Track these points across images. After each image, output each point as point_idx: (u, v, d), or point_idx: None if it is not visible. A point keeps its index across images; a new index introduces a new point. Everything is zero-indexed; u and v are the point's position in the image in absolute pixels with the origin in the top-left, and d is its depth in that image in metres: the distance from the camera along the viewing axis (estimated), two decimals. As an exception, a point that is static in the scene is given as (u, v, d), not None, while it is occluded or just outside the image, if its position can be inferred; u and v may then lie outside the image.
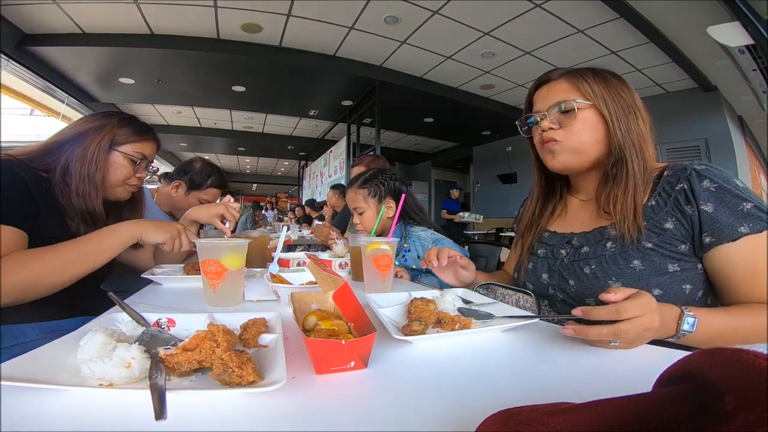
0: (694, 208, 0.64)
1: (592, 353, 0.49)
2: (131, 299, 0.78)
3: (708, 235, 0.62)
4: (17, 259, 0.74)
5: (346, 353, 0.42)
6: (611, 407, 0.20)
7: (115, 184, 1.01)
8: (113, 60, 4.20)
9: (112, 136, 0.97)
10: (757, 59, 3.19)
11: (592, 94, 0.71)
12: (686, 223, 0.65)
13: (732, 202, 0.61)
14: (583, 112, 0.71)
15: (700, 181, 0.64)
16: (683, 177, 0.66)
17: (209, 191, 1.58)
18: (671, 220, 0.66)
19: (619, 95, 0.72)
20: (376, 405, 0.36)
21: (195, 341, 0.40)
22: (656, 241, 0.66)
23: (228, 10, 3.36)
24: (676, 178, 0.67)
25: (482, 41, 3.83)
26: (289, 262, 1.12)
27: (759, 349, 0.16)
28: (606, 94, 0.71)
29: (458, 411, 0.34)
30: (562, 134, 0.73)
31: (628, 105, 0.72)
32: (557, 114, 0.73)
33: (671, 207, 0.66)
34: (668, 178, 0.69)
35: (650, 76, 4.28)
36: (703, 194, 0.63)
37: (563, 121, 0.73)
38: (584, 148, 0.73)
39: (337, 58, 4.31)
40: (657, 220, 0.67)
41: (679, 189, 0.66)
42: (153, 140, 1.07)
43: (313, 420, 0.33)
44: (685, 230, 0.65)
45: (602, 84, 0.72)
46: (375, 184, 1.30)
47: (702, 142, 4.46)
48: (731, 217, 0.61)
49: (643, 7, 3.02)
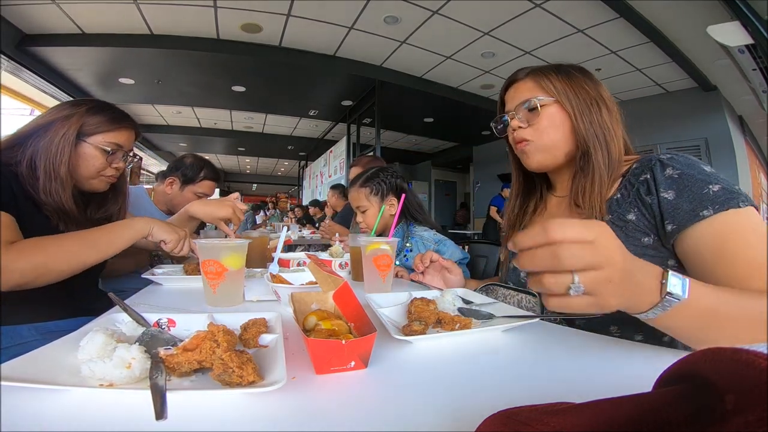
0: (654, 197, 0.62)
1: (592, 353, 0.49)
2: (131, 299, 0.78)
3: (670, 223, 0.60)
4: (32, 243, 0.76)
5: (346, 353, 0.42)
6: (611, 407, 0.20)
7: (88, 176, 0.95)
8: (113, 60, 4.21)
9: (80, 125, 0.91)
10: (757, 59, 3.19)
11: (554, 90, 0.72)
12: (648, 214, 0.64)
13: (695, 187, 0.58)
14: (547, 109, 0.73)
15: (663, 170, 0.63)
16: (647, 168, 0.65)
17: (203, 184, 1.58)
18: (633, 211, 0.65)
19: (582, 89, 0.72)
20: (376, 405, 0.36)
21: (195, 341, 0.40)
22: (620, 234, 0.65)
23: (228, 10, 3.36)
24: (642, 169, 0.66)
25: (482, 41, 3.83)
26: (289, 262, 1.12)
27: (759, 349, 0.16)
28: (568, 89, 0.72)
29: (458, 411, 0.34)
30: (532, 133, 0.74)
31: (592, 98, 0.72)
32: (525, 112, 0.75)
33: (633, 198, 0.66)
34: (634, 170, 0.68)
35: (650, 76, 4.28)
36: (665, 182, 0.62)
37: (530, 119, 0.74)
38: (554, 145, 0.74)
39: (337, 58, 4.31)
40: (620, 213, 0.67)
41: (642, 180, 0.65)
42: (128, 128, 1.00)
43: (313, 420, 0.33)
44: (647, 221, 0.64)
45: (565, 80, 0.73)
46: (377, 182, 1.30)
47: (702, 141, 4.46)
48: (694, 202, 0.58)
49: (643, 7, 3.02)
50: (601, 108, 0.72)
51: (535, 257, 0.38)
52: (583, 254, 0.37)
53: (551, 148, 0.74)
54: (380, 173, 1.33)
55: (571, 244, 0.37)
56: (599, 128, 0.71)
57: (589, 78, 0.75)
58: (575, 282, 0.37)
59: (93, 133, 0.93)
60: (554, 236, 0.37)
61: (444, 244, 1.24)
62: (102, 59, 4.16)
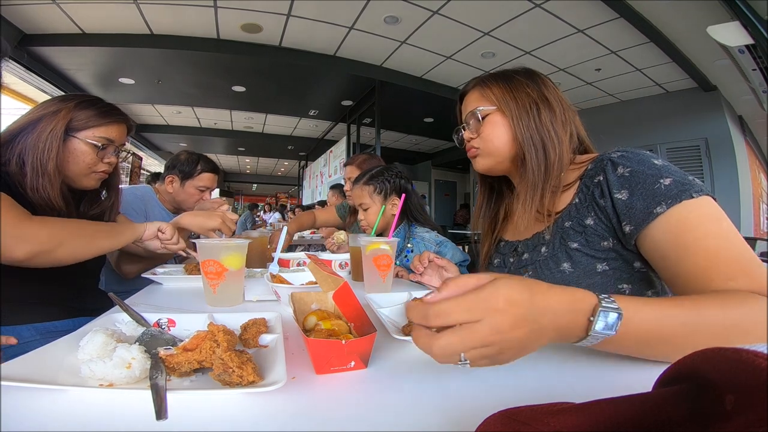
0: (607, 199, 0.61)
1: (592, 353, 0.49)
2: (131, 299, 0.78)
3: (627, 224, 0.58)
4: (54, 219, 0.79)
5: (346, 353, 0.42)
6: (611, 407, 0.20)
7: (79, 173, 0.92)
8: (113, 60, 4.20)
9: (68, 121, 0.88)
10: (756, 59, 3.19)
11: (494, 98, 0.73)
12: (603, 217, 0.62)
13: (647, 183, 0.56)
14: (489, 118, 0.73)
15: (615, 169, 0.61)
16: (600, 169, 0.63)
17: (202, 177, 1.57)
18: (591, 215, 0.64)
19: (523, 91, 0.72)
20: (376, 405, 0.36)
21: (195, 341, 0.40)
22: (580, 240, 0.65)
23: (228, 10, 3.36)
24: (596, 170, 0.65)
25: (482, 41, 3.82)
26: (289, 262, 1.12)
27: (759, 349, 0.16)
28: (508, 95, 0.72)
29: (458, 411, 0.34)
30: (478, 141, 0.76)
31: (532, 100, 0.71)
32: (474, 122, 0.76)
33: (590, 202, 0.64)
34: (589, 171, 0.66)
35: (650, 76, 4.28)
36: (617, 182, 0.60)
37: (477, 129, 0.75)
38: (497, 151, 0.74)
39: (337, 58, 4.31)
40: (579, 218, 0.66)
41: (596, 182, 0.63)
42: (120, 122, 0.97)
43: (313, 420, 0.33)
44: (604, 225, 0.62)
45: (505, 86, 0.73)
46: (381, 181, 1.31)
47: (702, 141, 4.45)
48: (647, 199, 0.55)
49: (643, 7, 3.01)
50: (541, 109, 0.70)
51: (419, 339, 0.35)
52: (463, 340, 0.33)
53: (494, 153, 0.74)
54: (385, 172, 1.34)
55: (449, 333, 0.33)
56: (536, 132, 0.70)
57: (532, 80, 0.74)
58: (462, 359, 0.33)
59: (82, 128, 0.91)
60: (435, 323, 0.34)
61: (445, 245, 1.24)
62: (102, 59, 4.16)
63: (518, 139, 0.71)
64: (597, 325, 0.37)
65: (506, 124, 0.72)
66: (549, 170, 0.69)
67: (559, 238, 0.68)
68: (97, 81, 4.82)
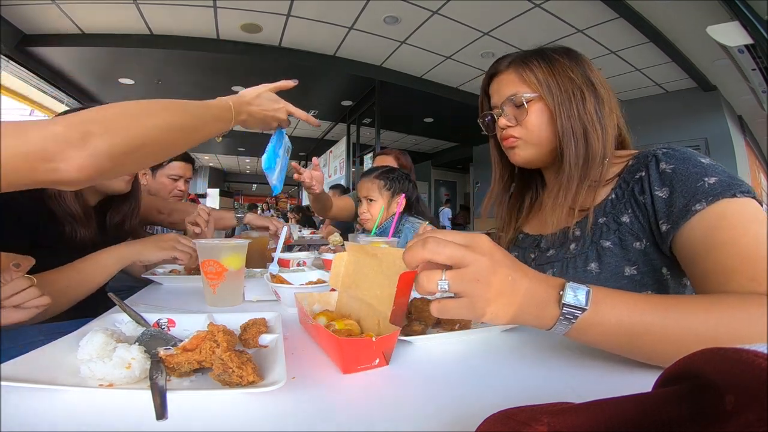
0: (647, 196, 0.58)
1: (592, 353, 0.49)
2: (131, 299, 0.78)
3: (664, 222, 0.55)
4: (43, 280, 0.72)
5: (374, 351, 0.42)
6: (611, 407, 0.20)
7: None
8: (113, 60, 4.20)
9: None
10: (756, 59, 3.19)
11: (536, 83, 0.66)
12: (641, 215, 0.59)
13: (689, 181, 0.53)
14: (533, 105, 0.67)
15: (658, 165, 0.58)
16: (643, 164, 0.60)
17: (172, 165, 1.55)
18: (627, 212, 0.61)
19: (566, 76, 0.65)
20: (375, 405, 0.36)
21: (195, 341, 0.40)
22: (613, 238, 0.61)
23: (228, 10, 3.36)
24: (638, 166, 0.61)
25: (482, 41, 3.82)
26: (289, 262, 1.12)
27: (759, 349, 0.16)
28: (551, 79, 0.65)
29: (458, 411, 0.34)
30: (520, 131, 0.69)
31: (576, 86, 0.65)
32: (511, 108, 0.69)
33: (628, 198, 0.61)
34: (631, 167, 0.63)
35: (650, 76, 4.28)
36: (659, 179, 0.57)
37: (518, 117, 0.69)
38: (541, 142, 0.68)
39: (336, 58, 4.31)
40: (615, 214, 0.62)
41: (637, 178, 0.60)
42: None
43: (313, 420, 0.33)
44: (640, 224, 0.59)
45: (547, 69, 0.66)
46: (392, 179, 1.36)
47: (702, 141, 4.46)
48: (688, 197, 0.52)
49: (643, 7, 3.02)
50: (586, 97, 0.65)
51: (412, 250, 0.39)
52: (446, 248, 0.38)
53: (538, 144, 0.69)
54: (396, 172, 1.40)
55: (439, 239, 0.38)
56: (578, 121, 0.64)
57: (576, 63, 0.67)
58: (443, 278, 0.38)
59: None
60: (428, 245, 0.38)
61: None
62: (102, 59, 4.16)
63: (558, 128, 0.65)
64: (566, 297, 0.39)
65: (549, 113, 0.66)
66: (589, 163, 0.64)
67: (591, 235, 0.64)
68: (97, 81, 4.82)
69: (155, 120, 0.54)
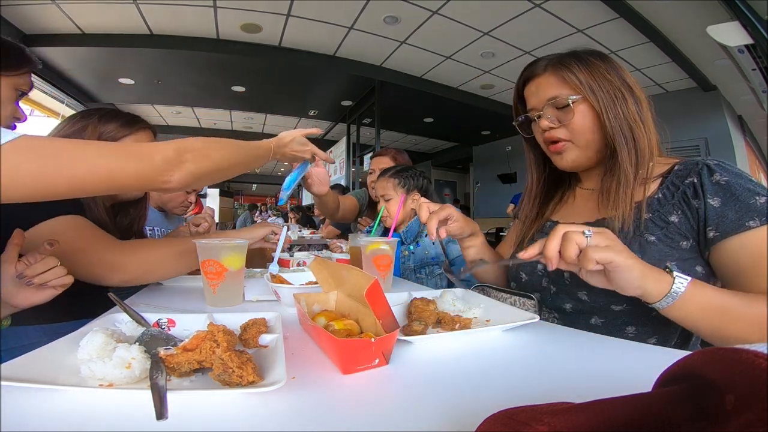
0: (701, 202, 0.61)
1: (592, 353, 0.49)
2: (131, 299, 0.78)
3: (713, 230, 0.59)
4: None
5: (373, 351, 0.42)
6: (611, 407, 0.20)
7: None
8: (113, 60, 4.20)
9: (98, 135, 0.89)
10: (756, 59, 3.19)
11: (579, 84, 0.67)
12: (692, 217, 0.62)
13: (743, 196, 0.58)
14: (578, 106, 0.68)
15: (711, 175, 0.61)
16: (694, 171, 0.63)
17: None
18: (677, 213, 0.63)
19: (605, 79, 0.67)
20: (375, 405, 0.36)
21: (195, 341, 0.40)
22: (659, 234, 0.64)
23: (227, 10, 3.36)
24: (687, 171, 0.64)
25: (482, 41, 3.82)
26: (289, 262, 1.12)
27: (759, 349, 0.16)
28: (592, 81, 0.67)
29: (458, 411, 0.34)
30: (566, 133, 0.70)
31: (616, 87, 0.67)
32: (554, 111, 0.70)
33: (678, 200, 0.64)
34: (678, 171, 0.66)
35: (650, 76, 4.28)
36: (712, 188, 0.60)
37: (562, 118, 0.69)
38: (588, 145, 0.70)
39: (336, 58, 4.31)
40: (662, 213, 0.65)
41: (688, 183, 0.63)
42: (146, 128, 0.98)
43: (313, 420, 0.33)
44: (689, 225, 0.62)
45: (586, 70, 0.68)
46: (406, 177, 1.40)
47: (702, 141, 4.46)
48: (740, 212, 0.57)
49: (643, 7, 3.01)
50: (626, 98, 0.67)
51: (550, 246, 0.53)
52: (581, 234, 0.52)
53: (586, 148, 0.70)
54: (410, 170, 1.44)
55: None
56: (625, 122, 0.66)
57: (609, 65, 0.69)
58: (586, 232, 0.52)
59: (113, 139, 0.91)
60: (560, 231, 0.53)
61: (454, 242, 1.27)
62: (102, 59, 4.15)
63: (607, 131, 0.66)
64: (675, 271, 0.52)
65: (594, 114, 0.67)
66: (642, 162, 0.66)
67: (634, 228, 0.65)
68: (97, 81, 4.82)
69: (224, 153, 0.74)
